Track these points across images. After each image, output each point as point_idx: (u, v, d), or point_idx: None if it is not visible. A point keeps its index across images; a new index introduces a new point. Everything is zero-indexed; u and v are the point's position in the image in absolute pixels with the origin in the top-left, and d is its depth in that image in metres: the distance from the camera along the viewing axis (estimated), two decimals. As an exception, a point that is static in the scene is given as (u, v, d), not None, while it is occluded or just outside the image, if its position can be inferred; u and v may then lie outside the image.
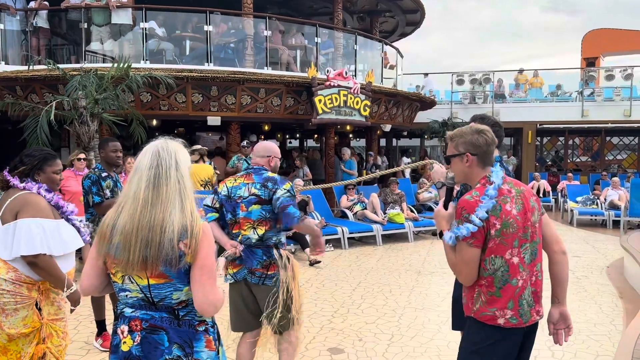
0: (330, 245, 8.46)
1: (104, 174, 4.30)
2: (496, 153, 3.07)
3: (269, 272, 3.17)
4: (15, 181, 2.74)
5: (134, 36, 9.90)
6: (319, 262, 7.26)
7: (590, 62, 23.63)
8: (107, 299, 4.49)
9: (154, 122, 10.28)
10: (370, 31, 14.39)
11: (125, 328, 1.89)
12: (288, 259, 3.26)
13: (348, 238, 8.56)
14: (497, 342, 2.25)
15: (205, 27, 10.05)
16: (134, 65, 8.69)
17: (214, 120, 9.68)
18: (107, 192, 4.26)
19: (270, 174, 3.24)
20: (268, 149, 3.36)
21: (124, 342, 1.88)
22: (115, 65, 7.25)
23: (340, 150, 12.34)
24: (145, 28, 9.72)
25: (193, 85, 9.26)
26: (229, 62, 10.43)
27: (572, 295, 5.86)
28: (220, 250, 3.31)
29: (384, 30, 16.36)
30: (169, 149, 1.88)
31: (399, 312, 5.30)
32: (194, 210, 1.87)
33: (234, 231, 3.22)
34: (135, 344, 1.86)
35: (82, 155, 6.22)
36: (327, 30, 12.11)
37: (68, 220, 2.86)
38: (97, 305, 4.34)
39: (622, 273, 6.87)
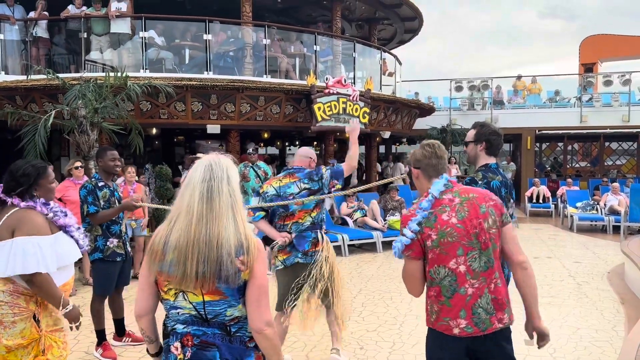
0: (331, 252, 8.44)
1: (100, 184, 4.30)
2: (494, 160, 3.09)
3: (316, 249, 3.79)
4: (16, 201, 2.73)
5: (133, 45, 9.94)
6: (319, 269, 7.24)
7: (588, 68, 23.72)
8: (107, 308, 4.48)
9: (154, 130, 10.31)
10: (368, 39, 14.45)
11: (179, 345, 1.88)
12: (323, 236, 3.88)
13: (348, 245, 8.55)
14: (447, 351, 2.25)
15: (205, 36, 10.09)
16: (133, 74, 8.73)
17: (213, 128, 9.70)
18: (102, 202, 4.25)
19: (308, 170, 3.86)
20: (309, 153, 3.99)
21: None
22: (112, 74, 7.27)
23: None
24: (145, 37, 9.76)
25: (192, 94, 9.28)
26: (228, 70, 10.47)
27: (573, 301, 5.87)
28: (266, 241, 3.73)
29: (382, 37, 16.43)
30: (221, 164, 1.90)
31: (400, 320, 5.28)
32: (246, 224, 1.87)
33: (285, 222, 3.78)
34: (185, 358, 1.86)
35: (79, 164, 6.23)
36: (326, 38, 12.17)
37: (66, 232, 2.84)
38: (97, 315, 4.33)
39: (622, 279, 6.86)
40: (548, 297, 6.07)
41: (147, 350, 2.09)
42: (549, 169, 19.64)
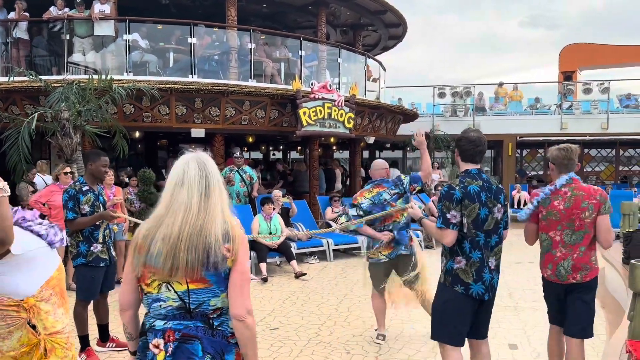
0: (316, 257, 8.43)
1: (85, 188, 4.23)
2: (475, 166, 3.14)
3: (412, 243, 4.68)
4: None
5: (116, 48, 9.84)
6: (305, 274, 7.24)
7: (567, 76, 24.15)
8: (91, 313, 4.41)
9: (137, 134, 10.20)
10: (353, 45, 14.52)
11: (161, 341, 1.88)
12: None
13: (333, 250, 8.55)
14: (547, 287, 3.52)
15: (190, 40, 10.03)
16: (117, 77, 8.64)
17: (198, 132, 9.64)
18: (86, 207, 4.19)
19: (391, 179, 4.74)
20: (383, 164, 4.86)
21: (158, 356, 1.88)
22: (96, 77, 7.19)
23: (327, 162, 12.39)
24: (129, 40, 9.67)
25: (177, 97, 9.22)
26: (213, 74, 10.42)
27: (555, 305, 5.92)
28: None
29: (366, 43, 16.52)
30: (207, 160, 1.98)
31: (386, 324, 5.28)
32: (230, 216, 1.95)
33: (386, 223, 4.59)
34: (167, 354, 1.86)
35: (68, 169, 6.13)
36: (311, 44, 12.19)
37: (20, 225, 2.72)
38: (80, 320, 4.26)
39: (603, 283, 6.96)
40: (531, 302, 6.14)
41: (129, 349, 2.08)
42: (529, 175, 19.90)
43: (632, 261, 3.15)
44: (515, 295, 6.40)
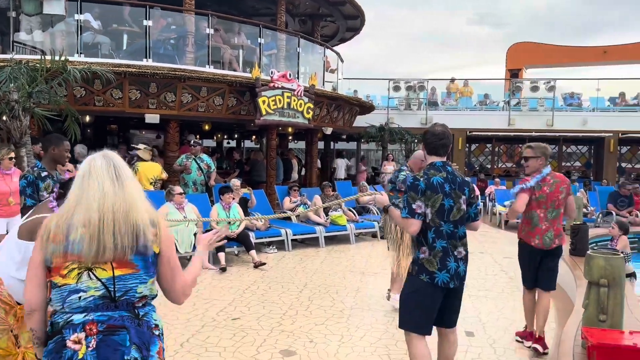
0: (274, 247, 8.42)
1: (43, 174, 4.05)
2: (440, 159, 3.24)
3: None
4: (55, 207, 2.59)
5: (67, 28, 9.38)
6: (264, 264, 7.21)
7: (514, 74, 25.06)
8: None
9: (87, 118, 9.80)
10: (312, 35, 14.48)
11: (82, 335, 1.74)
12: None
13: (291, 240, 8.56)
14: (531, 253, 4.37)
15: (145, 22, 9.70)
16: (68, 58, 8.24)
17: (152, 118, 9.37)
18: (45, 193, 4.01)
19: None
20: (420, 155, 4.98)
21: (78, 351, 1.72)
22: (49, 57, 6.83)
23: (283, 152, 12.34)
24: (80, 20, 9.24)
25: (131, 81, 8.92)
26: (168, 58, 10.12)
27: (507, 294, 6.19)
28: None
29: (324, 34, 16.52)
30: (114, 157, 1.97)
31: (347, 313, 5.37)
32: (152, 208, 1.97)
33: None
34: (90, 349, 1.72)
35: (13, 154, 5.83)
36: (270, 32, 12.06)
37: None
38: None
39: (549, 273, 7.32)
40: (484, 291, 6.38)
41: (35, 355, 1.93)
42: (477, 168, 20.57)
43: (589, 252, 3.34)
44: (469, 284, 6.59)
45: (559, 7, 63.61)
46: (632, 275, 6.12)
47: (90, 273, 1.77)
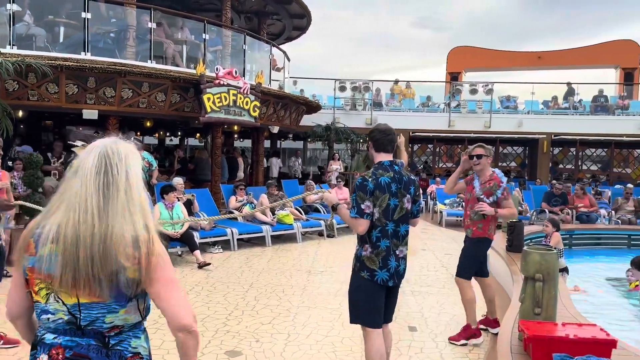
0: (219, 247, 8.30)
1: None
2: (387, 157, 3.30)
3: None
4: None
5: (-2, 18, 8.85)
6: (209, 264, 7.09)
7: (454, 77, 25.91)
8: None
9: (20, 113, 9.28)
10: (258, 32, 14.36)
11: (45, 357, 1.61)
12: None
13: (237, 239, 8.46)
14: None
15: (83, 14, 9.29)
16: (-2, 49, 7.79)
17: (90, 113, 8.99)
18: None
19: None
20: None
21: None
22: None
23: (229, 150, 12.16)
24: (12, 10, 8.73)
25: (67, 75, 8.53)
26: (108, 52, 9.75)
27: (448, 290, 6.39)
28: None
29: (271, 32, 16.43)
30: (120, 153, 1.63)
31: (293, 312, 5.37)
32: (149, 225, 1.62)
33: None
34: None
35: None
36: (215, 28, 11.86)
37: None
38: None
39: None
40: (426, 287, 6.55)
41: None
42: (420, 168, 21.11)
43: (525, 248, 3.49)
44: (412, 280, 6.78)
45: (498, 13, 66.36)
46: (564, 270, 6.47)
47: (56, 296, 1.58)
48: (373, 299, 3.20)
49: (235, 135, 15.95)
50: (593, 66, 26.25)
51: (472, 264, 4.72)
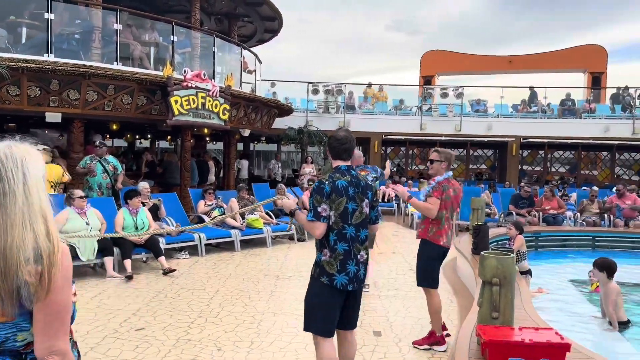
0: (186, 252, 8.16)
1: None
2: (345, 162, 3.32)
3: None
4: None
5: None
6: (174, 270, 6.96)
7: (427, 80, 26.17)
8: None
9: (-21, 116, 9.02)
10: (228, 34, 14.25)
11: None
12: None
13: (205, 244, 8.34)
14: (438, 253, 4.61)
15: (46, 15, 9.06)
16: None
17: (53, 116, 8.78)
18: None
19: (369, 166, 6.03)
20: (360, 153, 6.09)
21: None
22: None
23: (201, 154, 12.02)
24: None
25: (29, 77, 8.30)
26: (73, 54, 9.53)
27: (414, 293, 6.40)
28: None
29: (242, 34, 16.33)
30: (15, 157, 1.50)
31: (258, 318, 5.30)
32: (51, 232, 1.51)
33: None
34: None
35: None
36: (184, 29, 11.71)
37: None
38: None
39: (455, 272, 7.68)
40: (393, 290, 6.56)
41: None
42: (394, 170, 21.22)
43: (482, 252, 3.50)
44: (379, 284, 6.78)
45: (471, 17, 67.37)
46: (527, 272, 6.55)
47: None
48: (330, 306, 3.17)
49: (207, 138, 15.79)
50: (562, 70, 26.85)
51: (425, 268, 4.59)
